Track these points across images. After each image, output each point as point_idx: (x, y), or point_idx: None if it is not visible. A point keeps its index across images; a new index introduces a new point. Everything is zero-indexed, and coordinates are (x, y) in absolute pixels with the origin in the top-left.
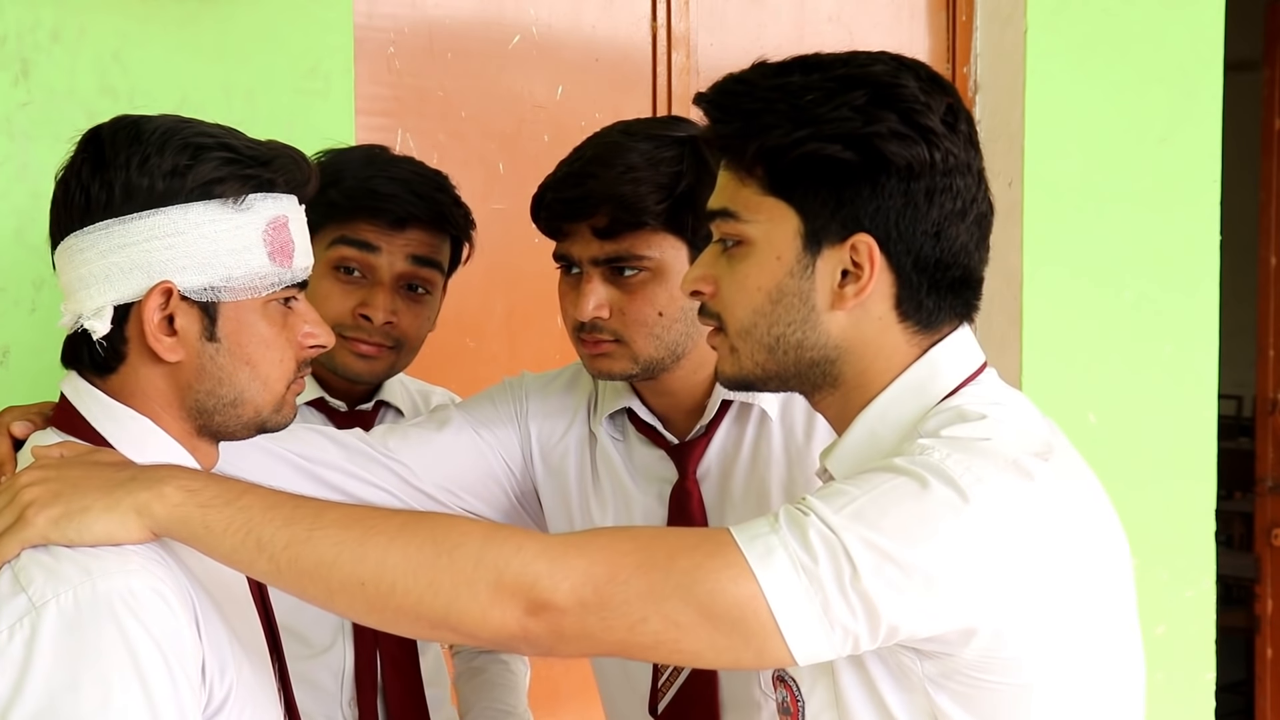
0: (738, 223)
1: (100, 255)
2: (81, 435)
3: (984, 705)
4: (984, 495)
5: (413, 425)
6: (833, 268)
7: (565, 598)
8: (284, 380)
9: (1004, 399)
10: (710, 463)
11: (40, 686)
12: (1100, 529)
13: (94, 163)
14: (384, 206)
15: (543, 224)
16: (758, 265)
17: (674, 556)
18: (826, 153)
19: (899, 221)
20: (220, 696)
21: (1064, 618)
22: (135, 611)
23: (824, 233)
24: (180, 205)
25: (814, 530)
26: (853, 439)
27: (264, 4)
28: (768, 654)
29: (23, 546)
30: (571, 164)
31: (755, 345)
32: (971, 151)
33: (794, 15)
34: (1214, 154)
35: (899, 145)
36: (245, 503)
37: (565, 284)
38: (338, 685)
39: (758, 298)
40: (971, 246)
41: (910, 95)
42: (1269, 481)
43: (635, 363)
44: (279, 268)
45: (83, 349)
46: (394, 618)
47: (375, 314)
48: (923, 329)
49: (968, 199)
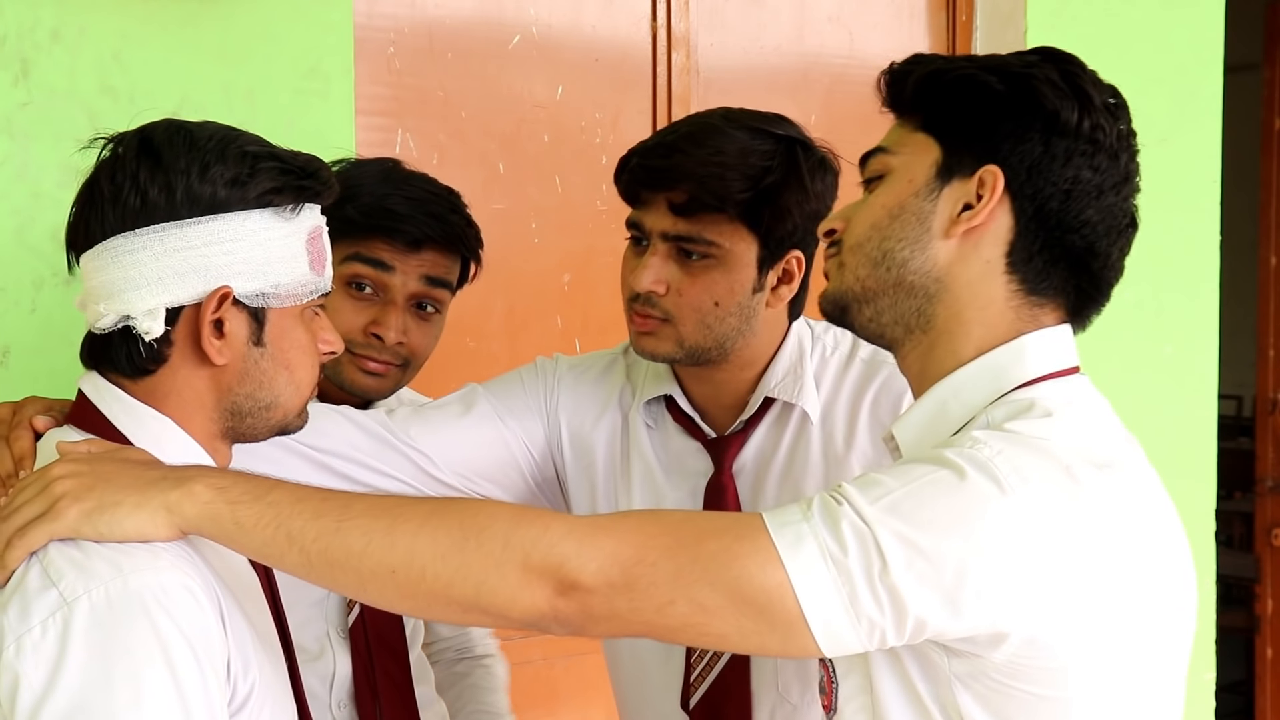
0: (886, 155)
1: (154, 258)
2: (101, 433)
3: (1008, 710)
4: (1024, 493)
5: (438, 408)
6: (957, 197)
7: (592, 578)
8: (311, 385)
9: (1081, 400)
10: (746, 460)
11: (73, 682)
12: (1159, 554)
13: (151, 166)
14: (400, 228)
15: (622, 188)
16: (889, 187)
17: (702, 540)
18: (981, 79)
19: (1032, 167)
20: (244, 693)
21: (1106, 633)
22: (167, 608)
23: (958, 165)
24: (240, 212)
25: (846, 520)
26: (922, 409)
27: (264, 4)
28: (793, 642)
29: (51, 537)
30: (664, 135)
31: (863, 259)
32: (1123, 145)
33: (794, 15)
34: (1214, 154)
35: (1052, 92)
36: (274, 498)
37: (630, 253)
38: (326, 690)
39: (879, 214)
40: (1101, 230)
41: (1080, 69)
42: (1269, 481)
43: (680, 346)
44: (317, 276)
45: (119, 349)
46: (426, 603)
47: (388, 334)
48: (1026, 289)
49: (1107, 181)
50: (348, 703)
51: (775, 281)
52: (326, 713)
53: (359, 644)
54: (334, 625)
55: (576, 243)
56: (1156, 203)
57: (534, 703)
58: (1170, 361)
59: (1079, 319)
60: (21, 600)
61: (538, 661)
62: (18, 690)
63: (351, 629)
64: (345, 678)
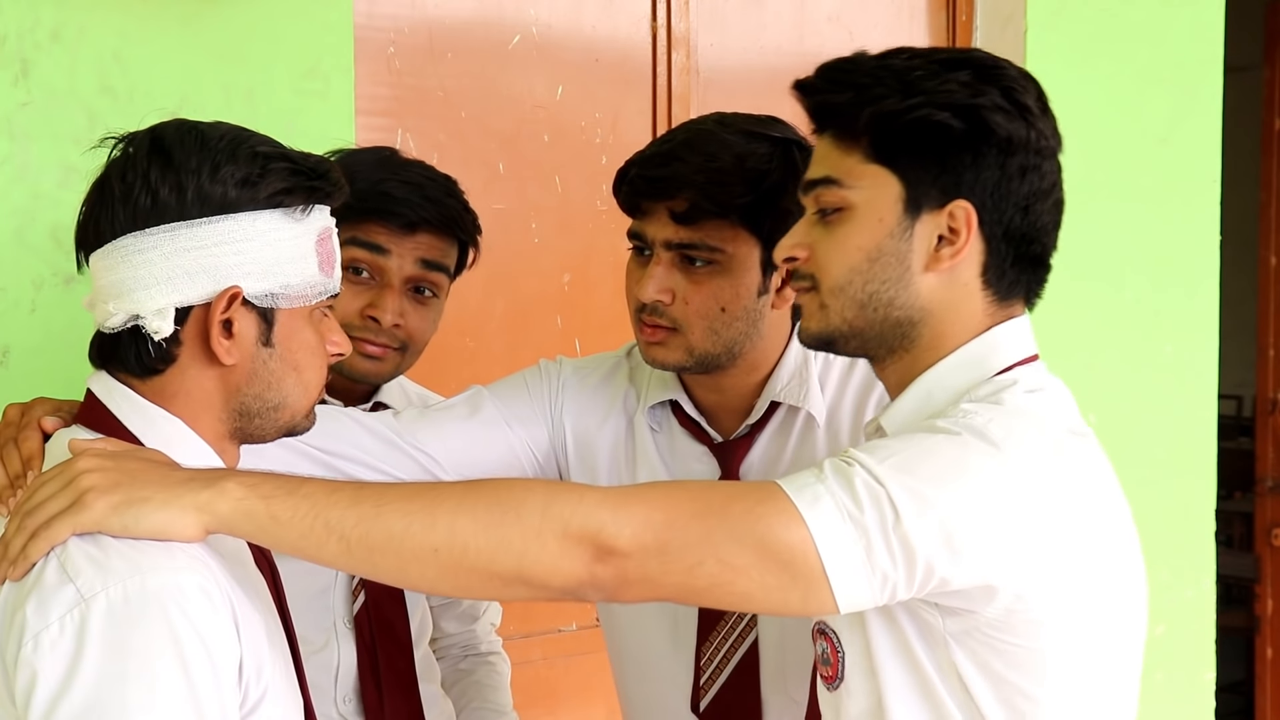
0: (841, 189)
1: (164, 257)
2: (111, 433)
3: (997, 665)
4: (1018, 452)
5: (444, 410)
6: (930, 232)
7: (628, 543)
8: (320, 386)
9: (1049, 385)
10: (753, 464)
11: (89, 679)
12: (1118, 511)
13: (162, 166)
14: (396, 210)
15: (622, 199)
16: (859, 227)
17: (728, 504)
18: (936, 119)
19: (994, 192)
20: (256, 696)
21: (1081, 586)
22: (183, 608)
23: (925, 198)
24: (250, 213)
25: (859, 479)
26: (908, 400)
27: (264, 4)
28: (813, 598)
29: (76, 530)
30: (661, 144)
31: (847, 302)
32: (1057, 139)
33: (794, 15)
34: (1214, 154)
35: (1002, 118)
36: (307, 490)
37: (634, 264)
38: (331, 683)
39: (857, 257)
40: (1050, 228)
41: (1010, 76)
42: (1269, 481)
43: (690, 354)
44: (326, 277)
45: (128, 348)
46: (467, 580)
47: (383, 316)
48: (999, 300)
49: (1051, 182)
50: (353, 696)
51: (779, 283)
52: (331, 706)
53: (364, 634)
54: (339, 616)
55: (576, 243)
56: (1156, 203)
57: (534, 703)
58: (1170, 361)
59: (1037, 294)
60: (39, 596)
61: (538, 661)
62: (34, 686)
63: (356, 618)
64: (350, 670)
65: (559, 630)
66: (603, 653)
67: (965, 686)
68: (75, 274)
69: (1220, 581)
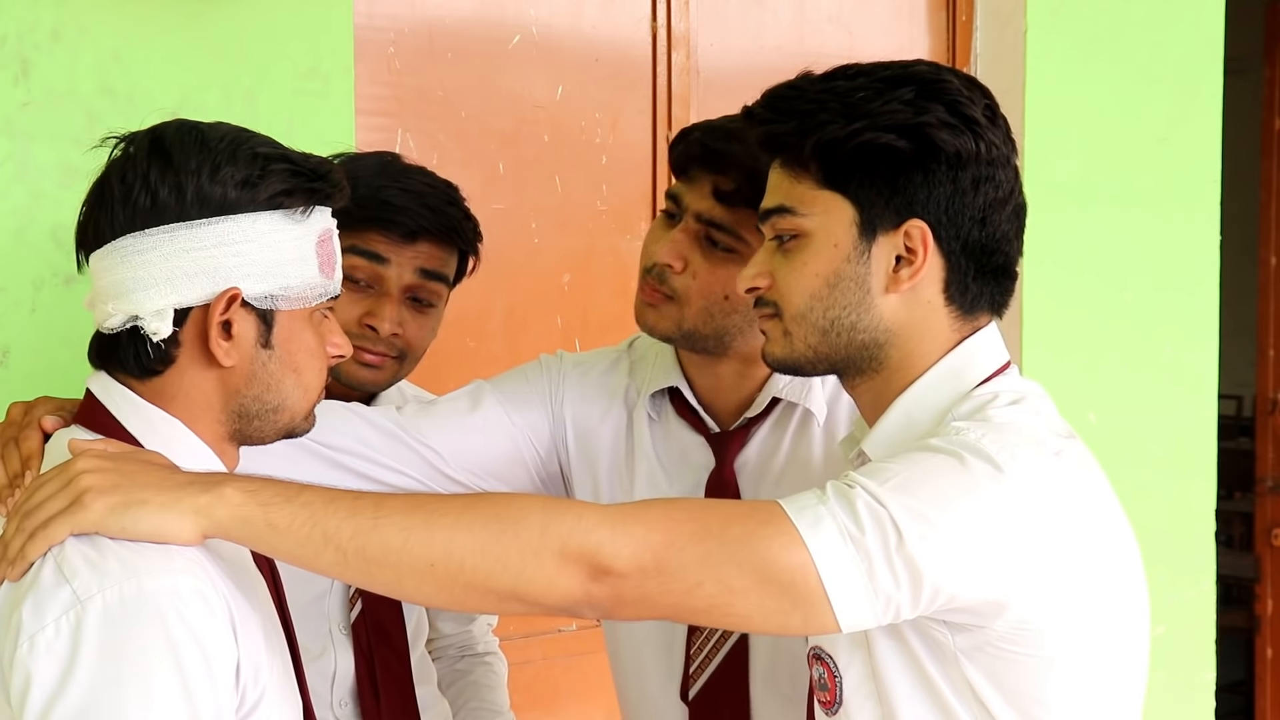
0: (795, 217)
1: (163, 258)
2: (110, 434)
3: (1008, 677)
4: (1018, 469)
5: (447, 404)
6: (887, 253)
7: (626, 563)
8: (319, 389)
9: (1028, 391)
10: (749, 456)
11: (84, 682)
12: (1115, 513)
13: (162, 166)
14: (396, 219)
15: (675, 157)
16: (815, 254)
17: (727, 525)
18: (882, 142)
19: (948, 208)
20: (253, 699)
21: (1087, 593)
22: (180, 611)
23: (879, 220)
24: (249, 214)
25: (861, 501)
26: (889, 423)
27: (264, 4)
28: (814, 619)
29: (74, 530)
30: (732, 119)
31: (810, 328)
32: (1010, 146)
33: (794, 15)
34: (1214, 154)
35: (948, 134)
36: (306, 499)
37: (660, 224)
38: (328, 688)
39: (815, 283)
40: (1011, 235)
41: (954, 89)
42: (1269, 481)
43: (678, 327)
44: (326, 279)
45: (127, 349)
46: (463, 594)
47: (382, 325)
48: (965, 314)
49: (1007, 190)
50: (349, 701)
51: None
52: (328, 711)
53: (360, 641)
54: (336, 622)
55: (576, 243)
56: (1156, 202)
57: (534, 703)
58: (1170, 361)
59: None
60: (36, 597)
61: (538, 661)
62: (29, 688)
63: (354, 625)
64: (347, 675)
65: (559, 630)
66: (602, 653)
67: (980, 700)
68: (75, 274)
69: (1220, 581)
